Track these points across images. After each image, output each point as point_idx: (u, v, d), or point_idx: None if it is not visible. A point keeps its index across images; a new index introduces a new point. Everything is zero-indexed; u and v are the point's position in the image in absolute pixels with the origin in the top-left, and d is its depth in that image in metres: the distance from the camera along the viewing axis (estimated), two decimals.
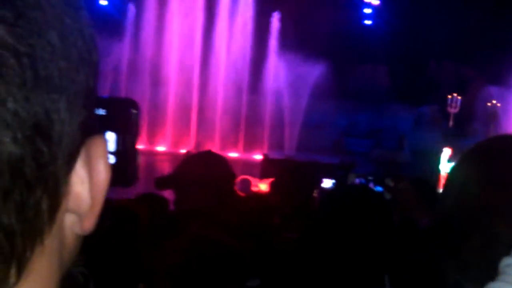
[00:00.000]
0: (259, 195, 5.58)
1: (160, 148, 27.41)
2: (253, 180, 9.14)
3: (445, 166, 20.69)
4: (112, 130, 0.92)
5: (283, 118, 29.00)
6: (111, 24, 27.55)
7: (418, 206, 4.11)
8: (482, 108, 28.75)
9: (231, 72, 28.34)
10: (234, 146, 28.15)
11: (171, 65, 28.32)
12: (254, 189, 8.33)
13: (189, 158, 3.85)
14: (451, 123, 27.99)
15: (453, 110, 28.26)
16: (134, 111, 0.86)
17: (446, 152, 21.18)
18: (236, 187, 7.04)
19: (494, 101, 28.77)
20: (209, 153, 3.90)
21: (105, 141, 0.66)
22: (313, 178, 4.79)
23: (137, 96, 27.48)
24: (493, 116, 28.17)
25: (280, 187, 4.41)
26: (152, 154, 25.54)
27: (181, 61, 28.31)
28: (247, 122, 28.54)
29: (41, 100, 0.55)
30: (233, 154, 27.38)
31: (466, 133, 27.46)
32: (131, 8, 28.64)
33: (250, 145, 27.97)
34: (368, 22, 32.98)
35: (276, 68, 28.68)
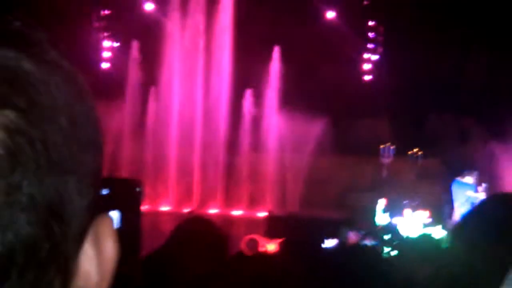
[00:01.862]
0: (268, 256, 5.54)
1: (164, 208, 27.34)
2: (260, 239, 9.11)
3: (381, 217, 20.42)
4: (116, 209, 0.93)
5: (286, 175, 29.00)
6: (111, 86, 27.77)
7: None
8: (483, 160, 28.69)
9: (232, 130, 28.45)
10: (237, 203, 28.08)
11: (172, 125, 28.43)
12: (261, 249, 8.28)
13: (177, 232, 3.84)
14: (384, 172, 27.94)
15: (385, 160, 28.18)
16: (138, 189, 0.88)
17: (381, 202, 20.94)
18: (243, 247, 7.00)
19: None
20: (195, 220, 3.90)
21: (111, 220, 0.67)
22: (320, 236, 4.76)
23: (139, 157, 27.56)
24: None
25: (290, 246, 4.40)
26: (156, 215, 25.46)
27: (181, 120, 28.44)
28: (250, 180, 28.51)
29: (54, 183, 0.56)
30: (236, 212, 27.31)
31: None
32: (132, 70, 28.89)
33: (253, 203, 27.91)
34: (368, 77, 33.24)
35: (278, 125, 28.80)
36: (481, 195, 19.45)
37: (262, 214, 25.28)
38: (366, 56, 33.18)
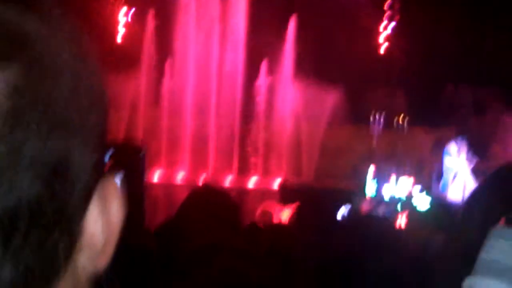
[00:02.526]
0: (281, 227, 5.55)
1: (178, 179, 27.42)
2: (275, 207, 9.11)
3: (370, 184, 20.33)
4: (118, 173, 0.92)
5: (300, 144, 28.99)
6: (126, 56, 27.77)
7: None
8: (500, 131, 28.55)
9: (247, 98, 28.42)
10: (252, 172, 28.13)
11: (187, 95, 28.43)
12: (275, 220, 8.28)
13: (188, 201, 3.82)
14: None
15: (376, 129, 28.05)
16: (141, 154, 0.87)
17: (371, 170, 20.88)
18: (257, 219, 7.02)
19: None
20: (207, 189, 3.90)
21: (117, 183, 0.67)
22: (334, 206, 4.77)
23: (155, 127, 27.62)
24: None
25: (302, 217, 4.40)
26: (170, 185, 25.55)
27: (196, 89, 28.43)
28: (264, 149, 28.53)
29: (57, 144, 0.56)
30: (251, 181, 27.37)
31: (486, 156, 27.25)
32: (147, 39, 28.85)
33: (267, 172, 27.94)
34: (384, 46, 33.02)
35: (293, 94, 28.74)
36: (461, 164, 19.50)
37: (277, 183, 25.32)
38: (382, 26, 32.93)
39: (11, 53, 0.54)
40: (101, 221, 0.64)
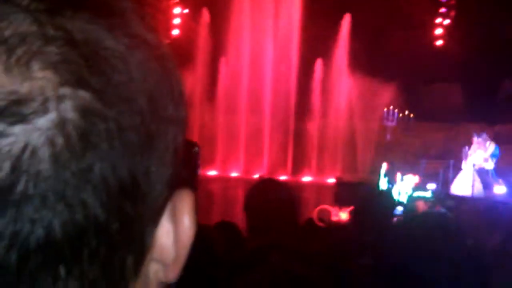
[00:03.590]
0: (340, 226, 5.53)
1: (234, 174, 27.50)
2: (332, 209, 9.05)
3: (382, 181, 20.03)
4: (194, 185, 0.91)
5: (356, 140, 28.81)
6: (181, 53, 27.91)
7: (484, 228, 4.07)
8: None
9: (302, 94, 28.33)
10: (307, 170, 28.05)
11: (242, 93, 28.47)
12: (334, 218, 8.24)
13: (254, 189, 3.83)
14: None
15: (389, 123, 27.57)
16: (195, 149, 0.87)
17: (384, 167, 20.56)
18: (315, 218, 6.98)
19: None
20: (270, 181, 3.89)
21: (191, 195, 0.67)
22: (391, 204, 4.76)
23: (211, 123, 27.73)
24: None
25: (360, 215, 4.39)
26: (226, 180, 25.63)
27: (251, 88, 28.44)
28: (319, 145, 28.44)
29: (128, 165, 0.56)
30: (306, 178, 27.30)
31: None
32: (201, 36, 28.94)
33: (323, 169, 27.84)
34: (439, 42, 32.58)
35: (348, 89, 28.57)
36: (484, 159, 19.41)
37: (331, 180, 25.20)
38: (438, 20, 32.50)
39: (85, 75, 0.54)
40: (173, 235, 0.64)
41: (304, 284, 2.77)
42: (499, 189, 20.47)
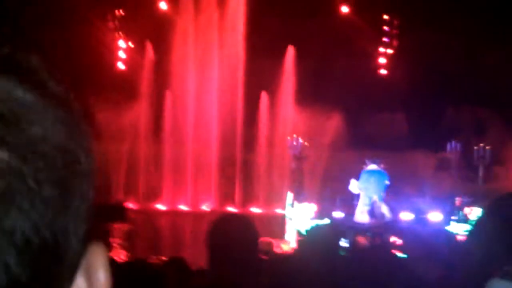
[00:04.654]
0: (284, 257, 5.51)
1: (182, 207, 27.37)
2: (274, 241, 9.01)
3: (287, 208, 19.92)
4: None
5: (303, 171, 28.91)
6: (128, 85, 27.86)
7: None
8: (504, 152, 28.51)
9: (248, 126, 28.42)
10: (254, 201, 28.06)
11: (189, 125, 28.45)
12: (276, 250, 8.21)
13: (217, 226, 3.80)
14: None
15: (293, 152, 27.55)
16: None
17: (289, 195, 20.60)
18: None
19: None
20: (233, 217, 3.88)
21: (104, 249, 0.66)
22: (336, 236, 4.75)
23: (158, 157, 27.63)
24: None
25: (307, 246, 4.37)
26: (174, 214, 25.52)
27: (197, 120, 28.46)
28: (267, 176, 28.49)
29: (49, 223, 0.55)
30: (254, 210, 27.29)
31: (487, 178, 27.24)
32: (146, 69, 28.92)
33: (270, 200, 27.86)
34: (383, 71, 33.07)
35: (293, 121, 28.73)
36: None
37: (280, 211, 25.24)
38: (381, 50, 33.02)
39: (1, 133, 0.53)
40: None
41: None
42: (406, 216, 20.13)
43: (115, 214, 22.69)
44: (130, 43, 31.15)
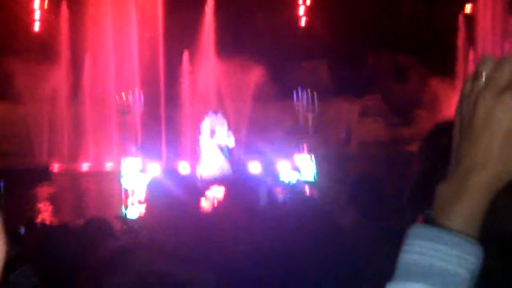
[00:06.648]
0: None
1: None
2: None
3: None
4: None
5: (228, 124, 28.77)
6: (46, 46, 27.30)
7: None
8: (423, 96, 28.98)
9: (168, 78, 28.11)
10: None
11: (109, 86, 28.03)
12: None
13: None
14: None
15: None
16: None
17: None
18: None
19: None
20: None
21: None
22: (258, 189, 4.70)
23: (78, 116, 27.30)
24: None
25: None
26: (100, 174, 25.23)
27: (118, 78, 28.07)
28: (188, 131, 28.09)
29: None
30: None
31: (410, 121, 27.77)
32: (63, 30, 28.33)
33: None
34: (303, 20, 33.10)
35: (216, 72, 28.49)
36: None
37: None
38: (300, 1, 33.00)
39: None
40: None
41: (170, 282, 2.69)
42: (255, 167, 19.79)
43: (40, 176, 22.44)
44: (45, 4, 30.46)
